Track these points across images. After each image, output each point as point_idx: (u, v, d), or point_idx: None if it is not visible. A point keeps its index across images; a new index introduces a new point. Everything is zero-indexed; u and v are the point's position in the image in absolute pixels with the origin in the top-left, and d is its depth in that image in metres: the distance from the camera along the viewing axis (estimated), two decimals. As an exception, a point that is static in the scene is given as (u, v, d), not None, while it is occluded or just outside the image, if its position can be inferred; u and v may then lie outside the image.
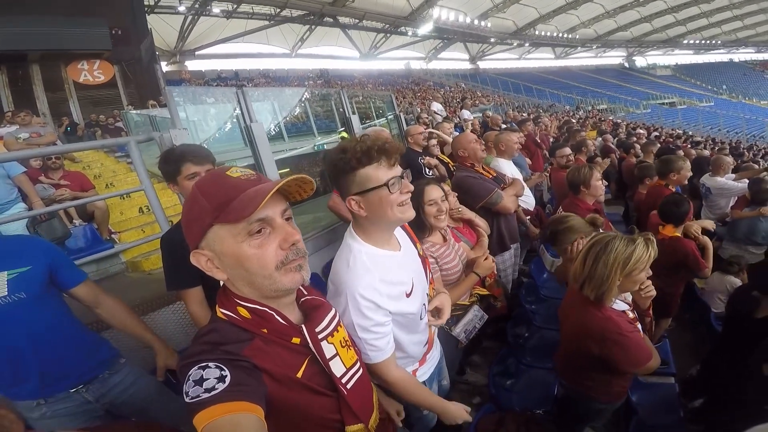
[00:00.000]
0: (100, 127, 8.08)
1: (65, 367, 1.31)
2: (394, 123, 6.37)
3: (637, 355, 1.43)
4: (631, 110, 25.67)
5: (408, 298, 1.13)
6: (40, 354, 1.25)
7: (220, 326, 0.78)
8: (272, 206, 0.75)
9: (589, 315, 1.45)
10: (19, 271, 1.24)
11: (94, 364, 1.40)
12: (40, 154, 3.21)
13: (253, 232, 0.73)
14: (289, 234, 0.76)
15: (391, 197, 1.02)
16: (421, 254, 1.28)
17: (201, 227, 0.74)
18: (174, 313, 2.10)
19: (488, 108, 14.19)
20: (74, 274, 1.40)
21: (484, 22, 28.03)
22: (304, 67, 25.64)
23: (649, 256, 1.40)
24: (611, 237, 1.45)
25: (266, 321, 0.79)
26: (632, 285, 1.45)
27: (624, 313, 1.51)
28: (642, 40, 37.18)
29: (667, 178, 3.11)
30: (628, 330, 1.42)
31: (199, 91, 8.56)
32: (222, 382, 0.66)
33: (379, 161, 1.01)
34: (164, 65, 20.32)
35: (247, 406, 0.65)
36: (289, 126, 7.03)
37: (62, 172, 3.54)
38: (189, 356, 0.72)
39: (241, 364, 0.71)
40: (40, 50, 8.97)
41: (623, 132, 11.21)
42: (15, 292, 1.22)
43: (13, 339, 1.22)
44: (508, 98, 23.54)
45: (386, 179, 1.01)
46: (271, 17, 21.14)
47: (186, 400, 0.65)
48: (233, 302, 0.78)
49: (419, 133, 3.60)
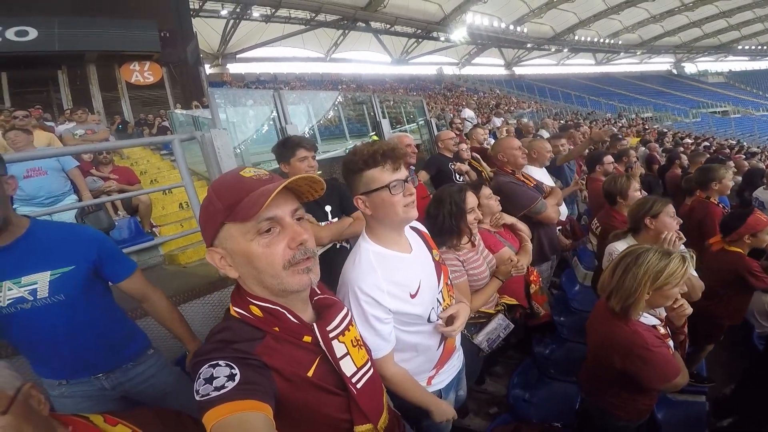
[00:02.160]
0: (148, 126, 8.61)
1: (94, 358, 1.34)
2: (425, 128, 6.37)
3: (663, 370, 1.37)
4: (678, 119, 24.24)
5: (412, 299, 1.14)
6: (75, 348, 1.28)
7: (233, 324, 0.79)
8: (282, 206, 0.76)
9: (615, 327, 1.40)
10: (62, 271, 1.22)
11: (121, 356, 1.41)
12: (92, 149, 3.47)
13: (261, 231, 0.74)
14: (297, 233, 0.76)
15: (393, 198, 1.08)
16: (437, 260, 1.29)
17: (214, 226, 0.76)
18: (204, 306, 2.19)
19: (524, 114, 13.88)
20: (122, 268, 1.38)
21: (520, 28, 27.47)
22: (337, 71, 26.19)
23: (684, 272, 1.33)
24: (644, 249, 1.40)
25: (278, 319, 0.80)
26: (664, 300, 1.39)
27: (654, 327, 1.44)
28: (692, 46, 35.20)
29: (709, 189, 2.90)
30: (654, 344, 1.36)
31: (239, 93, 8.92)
32: (232, 381, 0.67)
33: (384, 164, 1.07)
34: (207, 68, 21.41)
35: (255, 404, 0.66)
36: (323, 129, 7.18)
37: (112, 166, 3.80)
38: (201, 354, 0.74)
39: (251, 362, 0.72)
40: (96, 51, 9.67)
41: (670, 141, 10.60)
42: (55, 293, 1.20)
43: (50, 336, 1.24)
44: (545, 105, 22.87)
45: (389, 181, 1.07)
46: (306, 21, 21.85)
47: (196, 398, 0.67)
48: (246, 301, 0.80)
49: (449, 139, 3.58)
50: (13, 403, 0.67)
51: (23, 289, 1.17)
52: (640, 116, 22.43)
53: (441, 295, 1.26)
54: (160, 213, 4.42)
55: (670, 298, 1.38)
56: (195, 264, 3.22)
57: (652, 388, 1.45)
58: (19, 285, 1.16)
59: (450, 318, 1.25)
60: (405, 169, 1.12)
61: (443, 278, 1.29)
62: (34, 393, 0.73)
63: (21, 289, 1.17)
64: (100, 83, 10.14)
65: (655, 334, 1.41)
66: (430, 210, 1.79)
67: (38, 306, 1.19)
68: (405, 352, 1.22)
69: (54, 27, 8.88)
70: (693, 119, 24.54)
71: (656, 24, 30.02)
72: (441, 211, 1.72)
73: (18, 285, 1.16)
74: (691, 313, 1.47)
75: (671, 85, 34.81)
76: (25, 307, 1.18)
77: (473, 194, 1.80)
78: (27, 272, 1.18)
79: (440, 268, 1.29)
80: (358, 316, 1.06)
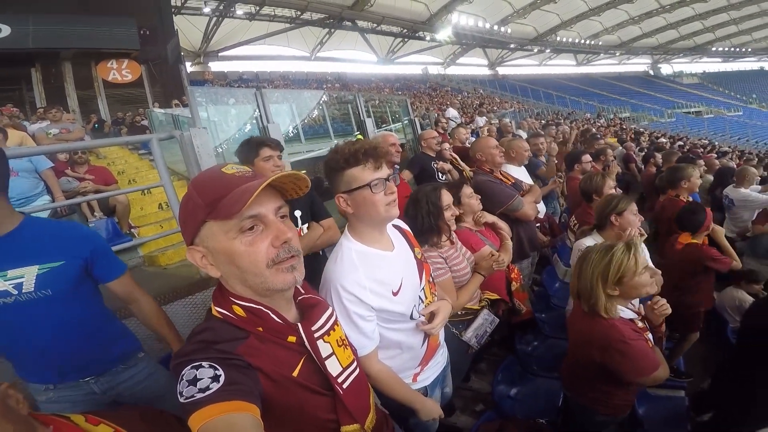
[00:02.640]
0: (125, 125, 8.37)
1: (83, 360, 1.31)
2: (409, 128, 6.39)
3: (641, 363, 1.40)
4: (655, 119, 24.98)
5: (395, 296, 1.14)
6: (62, 348, 1.25)
7: (215, 324, 0.77)
8: (265, 203, 0.74)
9: (592, 322, 1.45)
10: (51, 266, 1.19)
11: (111, 358, 1.38)
12: (66, 149, 3.37)
13: (244, 229, 0.72)
14: (280, 231, 0.75)
15: (375, 197, 1.08)
16: (419, 257, 1.30)
17: (195, 223, 0.74)
18: (186, 307, 2.15)
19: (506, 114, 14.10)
20: (111, 269, 1.36)
21: (504, 28, 27.86)
22: (322, 70, 26.03)
23: (634, 258, 1.39)
24: (590, 249, 1.47)
25: (261, 319, 0.78)
26: (635, 291, 1.43)
27: (631, 321, 1.48)
28: (668, 48, 36.28)
29: (678, 188, 3.01)
30: (631, 337, 1.40)
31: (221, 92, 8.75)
32: (216, 382, 0.66)
33: (365, 163, 1.07)
34: (189, 66, 20.97)
35: (242, 405, 0.65)
36: (307, 128, 7.12)
37: (87, 166, 3.68)
38: (182, 355, 0.72)
39: (235, 363, 0.71)
40: (72, 49, 9.36)
41: (646, 141, 10.94)
42: (41, 288, 1.18)
43: (35, 333, 1.21)
44: (527, 105, 23.24)
45: (370, 180, 1.07)
46: (292, 20, 21.61)
47: (180, 400, 0.65)
48: (228, 300, 0.78)
49: (432, 138, 3.61)
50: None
51: (8, 282, 1.15)
52: (618, 116, 23.05)
53: (423, 293, 1.27)
54: (139, 214, 4.32)
55: (640, 287, 1.42)
56: (176, 265, 3.16)
57: (632, 382, 1.48)
58: (4, 278, 1.14)
59: (430, 315, 1.26)
60: (387, 167, 1.13)
61: (425, 276, 1.29)
62: (11, 392, 0.72)
63: (6, 283, 1.14)
64: (75, 81, 9.82)
65: (633, 328, 1.45)
66: (408, 211, 1.81)
67: (22, 301, 1.17)
68: (389, 350, 1.23)
69: (28, 24, 8.57)
70: (668, 119, 25.33)
71: (635, 25, 30.84)
72: (419, 212, 1.75)
73: (4, 278, 1.14)
74: (669, 312, 1.52)
75: (648, 86, 35.83)
76: (8, 301, 1.15)
77: (448, 192, 1.83)
78: (14, 266, 1.15)
79: (422, 266, 1.30)
80: (341, 313, 1.05)
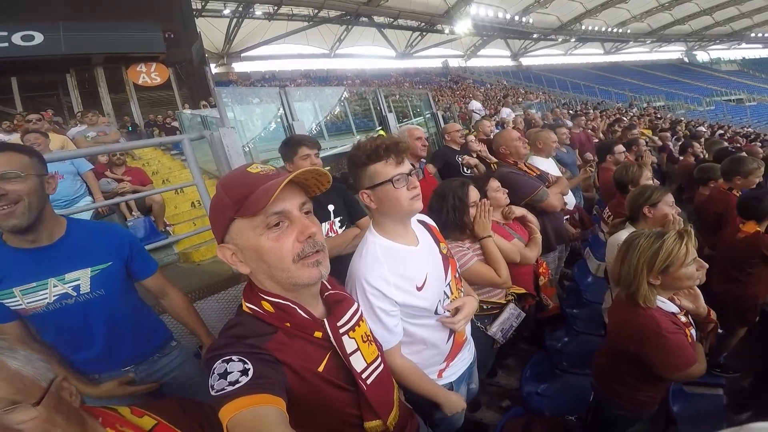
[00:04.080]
0: (157, 127, 8.70)
1: (128, 351, 1.39)
2: (431, 121, 6.33)
3: (675, 358, 1.34)
4: (692, 107, 23.70)
5: (419, 292, 1.15)
6: (112, 340, 1.33)
7: (245, 320, 0.80)
8: (290, 199, 0.77)
9: (629, 310, 1.39)
10: (101, 267, 1.28)
11: (150, 348, 1.47)
12: (105, 150, 3.53)
13: (270, 225, 0.75)
14: (305, 226, 0.77)
15: (397, 192, 1.09)
16: (444, 253, 1.29)
17: (224, 222, 0.77)
18: (218, 302, 2.22)
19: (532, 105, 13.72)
20: (147, 266, 1.44)
21: (525, 18, 27.02)
22: (342, 67, 26.11)
23: (686, 248, 1.31)
24: (637, 235, 1.39)
25: (289, 315, 0.80)
26: (678, 282, 1.36)
27: (673, 315, 1.42)
28: (703, 34, 34.23)
29: (732, 182, 2.80)
30: (669, 330, 1.33)
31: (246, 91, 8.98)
32: (245, 375, 0.68)
33: (387, 158, 1.09)
34: (213, 67, 21.51)
35: (269, 398, 0.67)
36: (329, 125, 7.19)
37: (125, 167, 3.86)
38: (214, 349, 0.75)
39: (263, 357, 0.73)
40: (102, 53, 9.75)
41: (683, 130, 10.37)
42: (96, 289, 1.26)
43: (90, 329, 1.29)
44: (554, 95, 22.51)
45: (392, 175, 1.08)
46: (309, 18, 21.80)
47: (212, 393, 0.68)
48: (257, 296, 0.81)
49: (456, 131, 3.55)
50: (46, 395, 0.69)
51: (67, 285, 1.23)
52: (652, 105, 21.98)
53: (449, 288, 1.26)
54: (173, 212, 4.48)
55: (684, 279, 1.35)
56: (209, 261, 3.27)
57: (664, 376, 1.42)
58: (63, 282, 1.22)
59: (455, 310, 1.25)
60: (409, 162, 1.13)
61: (451, 271, 1.29)
62: (66, 385, 0.75)
63: (65, 286, 1.22)
64: (108, 85, 10.22)
65: (673, 320, 1.38)
66: (433, 205, 1.80)
67: (81, 301, 1.25)
68: (414, 345, 1.23)
69: (59, 31, 8.95)
70: (707, 107, 23.96)
71: (665, 12, 29.23)
72: (444, 206, 1.75)
73: (62, 282, 1.22)
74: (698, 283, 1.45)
75: (683, 74, 33.99)
76: (69, 302, 1.24)
77: (475, 188, 1.82)
78: (70, 269, 1.23)
79: (448, 261, 1.29)
80: (365, 308, 1.07)
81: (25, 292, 1.17)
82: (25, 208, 1.09)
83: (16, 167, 1.08)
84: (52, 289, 1.20)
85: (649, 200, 1.91)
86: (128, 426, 0.79)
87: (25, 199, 1.09)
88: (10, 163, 1.08)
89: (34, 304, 1.19)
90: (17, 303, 1.18)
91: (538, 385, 2.08)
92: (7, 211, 1.07)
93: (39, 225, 1.17)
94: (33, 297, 1.19)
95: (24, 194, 1.09)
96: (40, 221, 1.17)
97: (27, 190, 1.10)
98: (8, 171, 1.07)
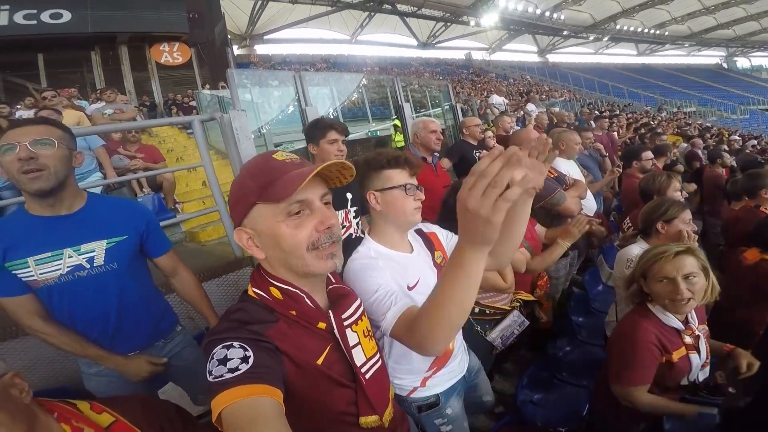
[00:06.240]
0: (176, 105, 8.80)
1: (135, 332, 1.38)
2: (449, 113, 6.21)
3: (627, 370, 1.34)
4: (725, 115, 22.70)
5: (410, 291, 1.14)
6: (122, 319, 1.33)
7: (248, 306, 0.80)
8: (312, 189, 0.78)
9: (626, 315, 1.40)
10: (117, 240, 1.29)
11: (157, 332, 1.47)
12: (117, 128, 3.57)
13: (292, 213, 0.76)
14: (326, 217, 0.78)
15: (405, 199, 1.17)
16: (438, 262, 1.32)
17: (246, 205, 0.78)
18: (219, 286, 2.23)
19: (556, 103, 13.35)
20: (161, 244, 1.45)
21: (557, 14, 26.14)
22: (363, 53, 25.90)
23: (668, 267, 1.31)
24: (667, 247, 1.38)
25: (296, 303, 0.80)
26: (662, 287, 1.33)
27: (674, 330, 1.36)
28: (747, 40, 32.58)
29: (758, 198, 2.62)
30: (644, 341, 1.31)
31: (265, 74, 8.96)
32: (245, 363, 0.67)
33: (404, 168, 1.18)
34: (235, 48, 21.57)
35: (267, 389, 0.66)
36: (346, 111, 7.14)
37: (139, 145, 3.89)
38: (215, 333, 0.74)
39: (264, 345, 0.72)
40: (127, 32, 9.90)
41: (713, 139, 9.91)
42: (110, 262, 1.28)
43: (102, 306, 1.29)
44: (579, 94, 21.84)
45: (405, 182, 1.18)
46: (333, 2, 21.59)
47: (209, 378, 0.67)
48: (267, 282, 0.81)
49: (476, 125, 3.43)
50: None
51: (82, 256, 1.24)
52: (683, 110, 21.12)
53: None
54: (184, 190, 4.54)
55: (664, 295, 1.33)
56: (214, 242, 3.29)
57: (610, 383, 1.42)
58: (78, 252, 1.23)
59: None
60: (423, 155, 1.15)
61: None
62: (17, 381, 0.75)
63: (80, 257, 1.23)
64: (131, 64, 10.40)
65: (663, 336, 1.34)
66: (448, 200, 1.74)
67: (93, 274, 1.26)
68: (400, 347, 1.18)
69: (87, 9, 9.13)
70: (741, 116, 22.93)
71: (709, 16, 27.85)
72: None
73: (78, 252, 1.23)
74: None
75: (720, 80, 32.45)
76: (82, 275, 1.25)
77: None
78: (86, 240, 1.25)
79: (441, 270, 1.28)
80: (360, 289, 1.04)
81: (39, 262, 1.19)
82: (50, 174, 1.16)
83: (49, 136, 1.17)
84: (66, 259, 1.21)
85: (664, 215, 1.80)
86: (84, 422, 0.79)
87: (51, 167, 1.16)
88: (45, 132, 1.18)
89: (47, 275, 1.20)
90: (30, 274, 1.18)
91: (533, 394, 2.02)
92: (35, 174, 1.14)
93: (61, 191, 1.21)
94: (47, 267, 1.19)
95: (52, 162, 1.16)
96: (63, 188, 1.21)
97: (55, 159, 1.17)
98: (43, 138, 1.16)
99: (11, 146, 1.13)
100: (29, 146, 1.13)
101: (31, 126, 1.19)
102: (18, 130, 1.16)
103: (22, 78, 9.14)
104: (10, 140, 1.14)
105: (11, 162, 1.13)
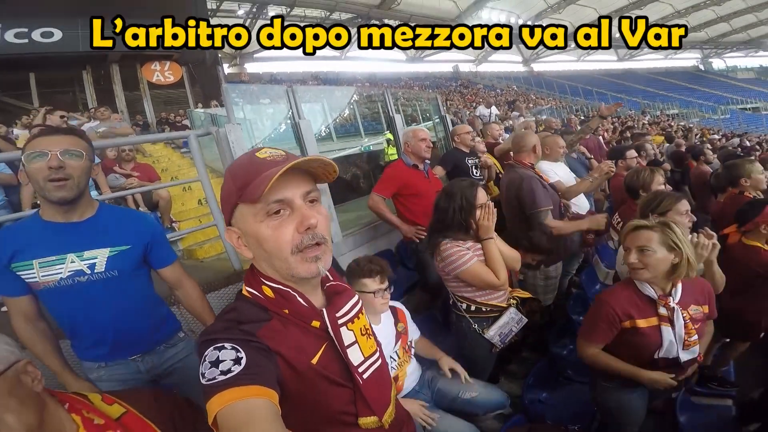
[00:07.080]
0: (168, 124, 8.82)
1: (135, 338, 1.39)
2: (440, 125, 6.33)
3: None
4: (706, 115, 23.31)
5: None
6: (119, 325, 1.33)
7: (241, 305, 0.79)
8: (292, 187, 0.73)
9: None
10: (120, 249, 1.31)
11: (158, 337, 1.47)
12: (112, 144, 3.57)
13: (271, 213, 0.72)
14: (305, 217, 0.73)
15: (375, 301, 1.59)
16: (399, 330, 1.69)
17: (229, 206, 0.77)
18: (219, 299, 2.24)
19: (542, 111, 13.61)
20: (166, 255, 1.47)
21: (538, 23, 26.90)
22: (353, 69, 26.25)
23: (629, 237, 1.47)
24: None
25: (288, 302, 0.79)
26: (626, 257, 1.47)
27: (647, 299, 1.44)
28: (719, 42, 33.74)
29: (739, 185, 2.76)
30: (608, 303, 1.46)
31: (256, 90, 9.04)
32: (238, 364, 0.65)
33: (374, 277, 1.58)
34: (226, 67, 21.77)
35: (262, 390, 0.64)
36: (338, 127, 7.20)
37: (134, 163, 3.89)
38: (208, 333, 0.73)
39: (256, 345, 0.71)
40: (118, 51, 9.91)
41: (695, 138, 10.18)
42: (110, 269, 1.29)
43: (99, 311, 1.30)
44: (564, 101, 22.33)
45: (374, 289, 1.58)
46: (322, 20, 21.97)
47: (202, 381, 0.65)
48: (259, 281, 0.80)
49: (466, 133, 3.52)
50: (0, 377, 0.69)
51: (84, 262, 1.26)
52: (665, 113, 21.65)
53: (396, 354, 1.65)
54: (180, 209, 4.52)
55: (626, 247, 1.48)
56: (212, 259, 3.29)
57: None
58: (81, 258, 1.26)
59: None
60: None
61: (401, 343, 1.70)
62: (30, 369, 0.75)
63: (82, 263, 1.26)
64: (123, 83, 10.40)
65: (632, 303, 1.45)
66: (439, 203, 1.78)
67: (93, 280, 1.28)
68: None
69: (77, 28, 9.13)
70: (722, 116, 23.57)
71: (681, 19, 28.82)
72: (451, 205, 1.73)
73: (80, 258, 1.26)
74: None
75: (698, 82, 33.44)
76: (81, 280, 1.27)
77: (483, 190, 1.80)
78: (90, 247, 1.28)
79: (400, 336, 1.70)
80: None
81: (43, 264, 1.22)
82: (74, 184, 1.21)
83: (78, 147, 1.22)
84: (69, 264, 1.24)
85: (658, 207, 1.84)
86: (95, 413, 0.78)
87: (75, 177, 1.21)
88: (75, 144, 1.22)
89: (48, 278, 1.22)
90: (32, 275, 1.21)
91: (540, 393, 2.04)
92: (61, 183, 1.18)
93: (79, 200, 1.26)
94: (49, 270, 1.22)
95: (77, 173, 1.21)
96: (80, 197, 1.26)
97: (80, 170, 1.22)
98: (72, 149, 1.21)
99: (43, 154, 1.16)
100: (59, 155, 1.16)
101: (62, 136, 1.22)
102: (49, 138, 1.19)
103: (13, 98, 9.11)
104: (42, 148, 1.17)
105: (40, 169, 1.16)
